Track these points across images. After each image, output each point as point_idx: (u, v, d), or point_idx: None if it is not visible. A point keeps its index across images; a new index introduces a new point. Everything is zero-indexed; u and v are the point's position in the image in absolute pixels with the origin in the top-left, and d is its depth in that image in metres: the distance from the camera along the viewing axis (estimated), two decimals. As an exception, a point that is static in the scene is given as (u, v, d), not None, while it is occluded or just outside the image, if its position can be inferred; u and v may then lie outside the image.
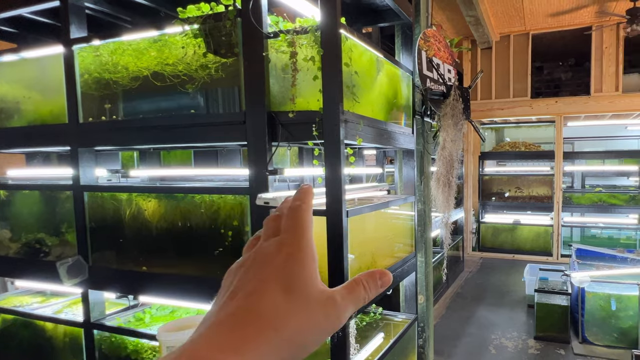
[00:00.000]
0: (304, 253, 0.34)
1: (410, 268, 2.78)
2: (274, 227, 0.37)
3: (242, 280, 0.33)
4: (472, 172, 6.07)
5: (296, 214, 0.36)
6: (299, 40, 1.96)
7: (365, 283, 0.36)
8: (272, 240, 0.35)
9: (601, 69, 5.61)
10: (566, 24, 5.54)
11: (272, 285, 0.31)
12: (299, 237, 0.34)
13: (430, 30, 2.75)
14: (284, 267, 0.32)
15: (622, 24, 5.14)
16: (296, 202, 0.37)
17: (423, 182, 2.89)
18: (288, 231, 0.35)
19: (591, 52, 5.61)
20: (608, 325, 3.80)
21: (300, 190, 0.39)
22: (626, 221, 6.24)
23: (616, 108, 5.59)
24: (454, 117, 2.81)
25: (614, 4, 5.00)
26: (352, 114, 2.07)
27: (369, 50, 2.25)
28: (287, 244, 0.34)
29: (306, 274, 0.33)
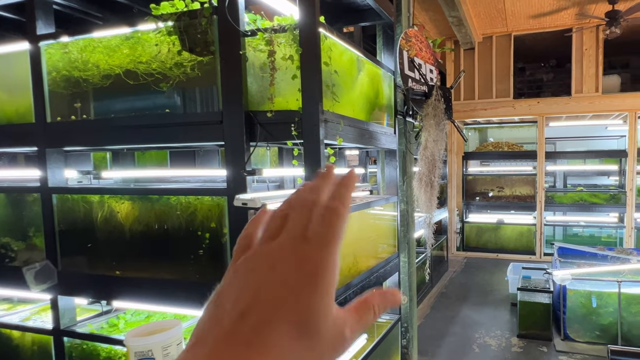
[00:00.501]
0: (327, 276, 0.29)
1: (393, 268, 2.78)
2: (303, 223, 0.31)
3: (255, 296, 0.28)
4: (456, 172, 6.13)
5: (331, 220, 0.30)
6: (277, 39, 1.94)
7: (376, 308, 0.32)
8: (298, 249, 0.29)
9: (581, 70, 5.71)
10: (547, 26, 5.63)
11: (287, 316, 0.27)
12: (327, 255, 0.29)
13: (411, 30, 2.75)
14: (301, 294, 0.28)
15: (601, 26, 5.25)
16: (335, 202, 0.31)
17: (406, 182, 2.88)
18: (319, 243, 0.29)
19: (572, 54, 5.70)
20: (589, 322, 3.86)
21: (343, 181, 0.33)
22: (607, 220, 6.36)
23: (596, 109, 5.70)
24: (436, 117, 2.81)
25: (593, 6, 5.09)
26: (332, 114, 2.05)
27: (349, 50, 2.23)
28: (312, 261, 0.29)
29: (323, 304, 0.29)
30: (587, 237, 6.64)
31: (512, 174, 6.37)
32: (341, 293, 2.19)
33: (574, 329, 3.87)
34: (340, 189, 0.32)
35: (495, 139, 6.63)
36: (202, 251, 1.94)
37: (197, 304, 1.99)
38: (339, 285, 2.18)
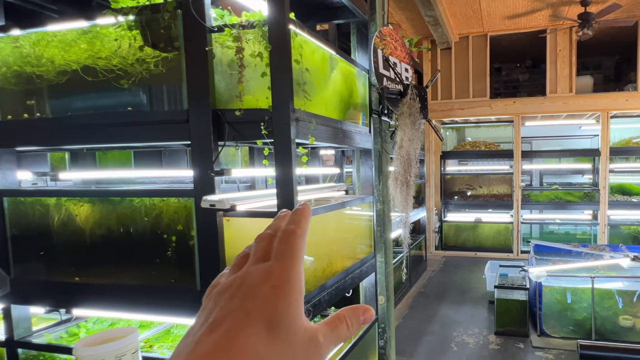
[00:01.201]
0: (291, 287, 0.32)
1: (370, 269, 2.75)
2: (264, 249, 0.35)
3: (224, 310, 0.30)
4: (434, 172, 6.17)
5: (289, 240, 0.34)
6: (246, 36, 1.89)
7: (348, 320, 0.35)
8: (260, 267, 0.33)
9: (556, 70, 5.83)
10: (522, 27, 5.73)
11: (254, 322, 0.29)
12: (288, 268, 0.32)
13: (386, 29, 2.74)
14: (269, 301, 0.31)
15: (574, 27, 5.37)
16: (290, 226, 0.35)
17: (381, 181, 2.87)
18: (278, 259, 0.33)
19: (546, 55, 5.82)
20: (564, 317, 3.93)
21: (296, 211, 0.37)
22: (581, 217, 6.52)
23: (570, 108, 5.83)
24: (411, 116, 2.80)
25: (566, 8, 5.20)
26: (304, 112, 2.02)
27: (322, 48, 2.19)
28: (275, 275, 0.32)
29: (291, 310, 0.31)
30: (563, 234, 6.79)
31: (489, 173, 6.46)
32: (315, 294, 2.15)
33: (550, 324, 3.93)
34: (294, 216, 0.36)
35: (473, 139, 6.70)
36: (168, 255, 1.88)
37: (165, 310, 1.92)
38: (313, 287, 2.15)
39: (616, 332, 3.78)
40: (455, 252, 6.28)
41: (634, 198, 6.14)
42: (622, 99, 5.79)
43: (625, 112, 5.92)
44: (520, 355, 3.48)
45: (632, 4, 5.24)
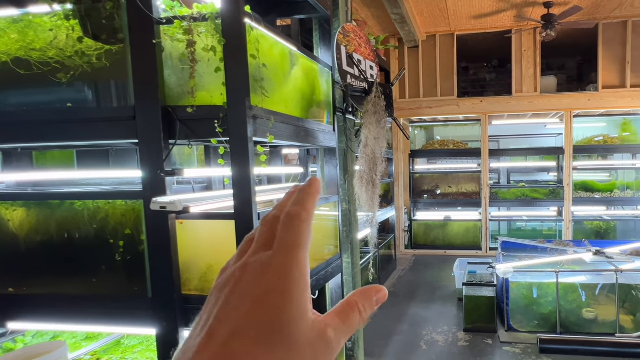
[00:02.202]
0: (294, 281, 0.29)
1: (336, 270, 2.71)
2: (266, 235, 0.32)
3: (224, 310, 0.28)
4: (403, 170, 6.22)
5: (292, 225, 0.30)
6: (198, 29, 1.80)
7: (360, 306, 0.32)
8: (259, 258, 0.30)
9: (521, 70, 5.99)
10: (488, 27, 5.85)
11: (255, 326, 0.27)
12: (290, 259, 0.29)
13: (349, 25, 2.70)
14: (268, 301, 0.28)
15: (538, 29, 5.52)
16: (295, 208, 0.31)
17: (347, 181, 2.83)
18: (279, 249, 0.30)
19: (512, 55, 5.97)
20: (531, 312, 4.01)
21: (302, 189, 0.33)
22: (547, 214, 6.73)
23: (535, 108, 6.00)
24: (377, 115, 2.79)
25: (530, 9, 5.35)
26: (262, 110, 1.95)
27: (281, 43, 2.13)
28: (274, 268, 0.29)
29: (294, 309, 0.28)
30: (530, 230, 6.99)
31: (458, 171, 6.57)
32: (277, 299, 2.08)
33: (517, 319, 4.01)
34: (300, 195, 0.33)
35: (442, 137, 6.80)
36: (116, 261, 1.77)
37: (113, 320, 1.82)
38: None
39: (580, 324, 3.90)
40: (425, 250, 6.35)
41: (597, 195, 6.38)
42: (585, 98, 6.01)
43: (588, 111, 6.15)
44: (488, 350, 3.53)
45: (592, 7, 5.43)
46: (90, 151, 2.01)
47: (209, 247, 1.96)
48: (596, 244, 4.97)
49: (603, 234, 6.61)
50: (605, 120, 6.73)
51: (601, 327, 3.90)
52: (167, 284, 1.82)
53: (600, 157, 6.93)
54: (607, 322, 3.92)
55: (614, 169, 7.02)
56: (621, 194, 6.37)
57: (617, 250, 4.67)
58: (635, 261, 4.30)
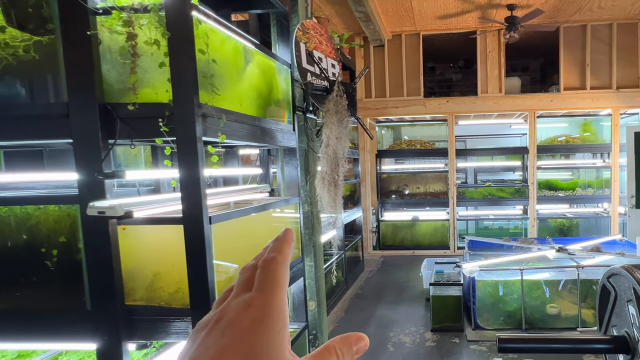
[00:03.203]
0: (273, 319, 0.30)
1: (298, 274, 2.65)
2: (246, 281, 0.34)
3: (201, 348, 0.29)
4: (370, 171, 6.24)
5: (269, 268, 0.33)
6: (139, 20, 1.70)
7: (338, 351, 0.32)
8: (240, 299, 0.31)
9: (486, 71, 6.13)
10: (453, 27, 5.96)
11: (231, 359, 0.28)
12: (269, 299, 0.31)
13: (309, 22, 2.65)
14: (247, 337, 0.29)
15: (502, 30, 5.66)
16: (271, 254, 0.34)
17: (309, 182, 2.78)
18: (258, 289, 0.32)
19: (477, 56, 6.10)
20: (497, 309, 4.08)
21: (277, 238, 0.37)
22: (513, 212, 6.92)
23: (500, 108, 6.15)
24: (338, 114, 2.74)
25: (494, 11, 5.47)
26: (213, 108, 1.87)
27: (233, 38, 2.05)
28: (254, 306, 0.30)
29: (272, 345, 0.29)
30: (497, 229, 7.17)
31: (426, 171, 6.65)
32: (232, 306, 2.00)
33: (484, 317, 4.07)
34: (275, 243, 0.35)
35: (410, 137, 6.87)
36: (49, 272, 1.64)
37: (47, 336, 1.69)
38: (229, 298, 1.99)
39: (544, 320, 3.99)
40: (393, 251, 6.39)
41: (560, 193, 6.61)
42: (547, 99, 6.21)
43: (550, 112, 6.36)
44: (455, 349, 3.55)
45: (553, 11, 5.62)
46: (20, 152, 1.87)
47: (156, 253, 1.86)
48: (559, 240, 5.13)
49: (566, 231, 6.86)
50: (567, 121, 7.00)
51: (564, 322, 4.01)
52: (108, 295, 1.71)
53: (563, 156, 7.19)
54: (569, 316, 4.04)
55: (576, 168, 7.30)
56: (583, 192, 6.63)
57: (579, 246, 4.84)
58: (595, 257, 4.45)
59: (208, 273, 1.80)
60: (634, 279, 1.07)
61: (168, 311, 1.83)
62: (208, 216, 1.82)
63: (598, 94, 6.13)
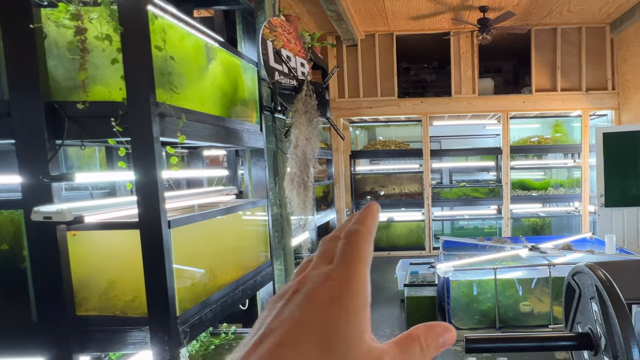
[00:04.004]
0: (352, 295, 0.28)
1: (266, 278, 2.60)
2: (327, 252, 0.32)
3: (276, 319, 0.27)
4: (344, 172, 6.23)
5: (351, 240, 0.31)
6: (89, 14, 1.63)
7: (422, 342, 0.30)
8: (320, 271, 0.30)
9: (460, 72, 6.22)
10: (427, 28, 6.02)
11: (306, 336, 0.26)
12: (350, 273, 0.29)
13: (277, 19, 2.61)
14: (324, 312, 0.27)
15: (475, 32, 5.76)
16: (354, 225, 0.32)
17: (278, 183, 2.74)
18: (340, 261, 0.29)
19: (450, 57, 6.18)
20: (471, 309, 4.12)
21: (362, 210, 0.34)
22: (488, 212, 7.05)
23: (474, 109, 6.25)
24: (308, 114, 2.71)
25: (467, 12, 5.55)
26: (171, 107, 1.81)
27: (194, 35, 1.99)
28: (334, 280, 0.28)
29: (351, 326, 0.27)
30: (472, 229, 7.28)
31: (400, 172, 6.69)
32: (194, 313, 1.94)
33: (458, 317, 4.10)
34: (359, 215, 0.33)
35: (385, 138, 6.90)
36: (-10, 281, 1.54)
37: (-11, 350, 1.59)
38: (191, 305, 1.93)
39: (517, 318, 4.06)
40: (368, 252, 6.36)
41: (533, 192, 6.76)
42: (520, 101, 6.35)
43: (523, 113, 6.50)
44: (430, 350, 3.56)
45: (525, 13, 5.75)
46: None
47: (110, 260, 1.78)
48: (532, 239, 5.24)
49: (539, 230, 7.02)
50: (539, 122, 7.18)
51: (537, 320, 4.07)
52: (57, 305, 1.62)
53: (535, 156, 7.37)
54: (542, 314, 4.11)
55: (548, 168, 7.50)
56: (555, 191, 6.81)
57: (551, 245, 4.95)
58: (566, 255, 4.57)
59: (167, 279, 1.73)
60: (596, 276, 1.08)
61: (124, 321, 1.75)
62: (167, 220, 1.75)
63: (568, 96, 6.31)
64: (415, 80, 7.42)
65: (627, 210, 5.54)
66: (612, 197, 5.59)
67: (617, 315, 1.00)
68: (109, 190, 2.11)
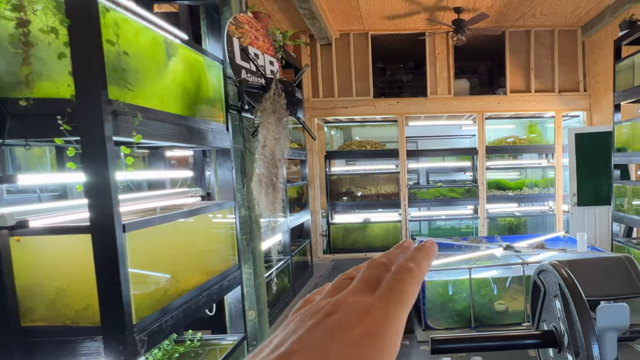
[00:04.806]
0: (386, 341, 0.27)
1: (234, 282, 2.54)
2: (371, 278, 0.30)
3: (302, 341, 0.26)
4: (319, 172, 6.20)
5: (403, 278, 0.30)
6: (32, 5, 1.54)
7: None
8: (359, 300, 0.28)
9: (435, 73, 6.28)
10: (402, 28, 6.05)
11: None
12: (390, 316, 0.27)
13: (244, 16, 2.56)
14: (355, 351, 0.25)
15: (450, 32, 5.82)
16: (409, 263, 0.31)
17: (246, 184, 2.68)
18: (383, 298, 0.28)
19: (426, 57, 6.23)
20: (447, 309, 4.14)
21: (421, 247, 0.33)
22: (464, 212, 7.14)
23: (449, 109, 6.32)
24: (276, 113, 2.66)
25: (442, 13, 5.61)
26: (126, 105, 1.73)
27: (152, 29, 1.92)
28: (372, 317, 0.27)
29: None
30: (449, 229, 7.36)
31: (377, 172, 6.70)
32: (154, 320, 1.87)
33: (434, 317, 4.11)
34: (417, 253, 0.33)
35: (361, 138, 6.91)
36: None
37: None
38: (150, 311, 1.86)
39: (492, 317, 4.10)
40: (344, 254, 6.37)
41: (509, 192, 6.88)
42: (495, 101, 6.45)
43: (498, 114, 6.62)
44: (405, 351, 3.56)
45: (499, 15, 5.85)
46: None
47: (59, 267, 1.69)
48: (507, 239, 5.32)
49: (515, 229, 7.15)
50: (515, 122, 7.33)
51: (512, 318, 4.12)
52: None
53: (511, 157, 7.51)
54: (516, 312, 4.17)
55: (523, 168, 7.65)
56: (530, 191, 6.95)
57: (525, 244, 5.04)
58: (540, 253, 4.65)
59: (122, 286, 1.65)
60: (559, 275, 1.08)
61: (76, 331, 1.67)
62: (121, 224, 1.67)
63: (542, 97, 6.45)
64: (391, 80, 7.46)
65: (598, 209, 5.69)
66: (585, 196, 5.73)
67: (578, 312, 1.00)
68: (59, 193, 2.01)
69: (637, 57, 4.42)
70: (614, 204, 4.93)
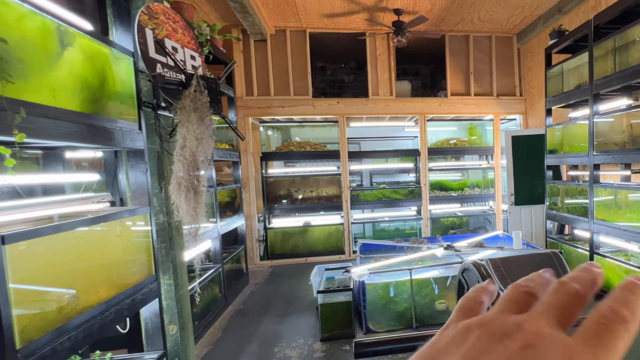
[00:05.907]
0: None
1: (150, 295, 2.39)
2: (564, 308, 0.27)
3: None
4: (254, 175, 6.10)
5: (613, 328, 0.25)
6: None
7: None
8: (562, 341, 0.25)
9: (377, 74, 6.41)
10: (342, 27, 6.12)
11: None
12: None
13: (158, 5, 2.43)
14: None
15: (391, 34, 5.96)
16: (622, 308, 0.26)
17: (164, 188, 2.54)
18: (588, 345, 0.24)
19: (367, 58, 6.34)
20: (388, 311, 4.20)
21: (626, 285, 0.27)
22: (408, 213, 7.33)
23: (391, 111, 6.47)
24: (198, 111, 2.55)
25: (382, 14, 5.73)
26: (4, 99, 1.56)
27: (41, 14, 1.75)
28: None
29: None
30: (394, 230, 7.53)
31: (318, 174, 6.70)
32: (46, 342, 1.70)
33: (375, 320, 4.16)
34: (628, 295, 0.27)
35: (300, 139, 6.88)
36: None
37: None
38: (41, 333, 1.69)
39: (433, 316, 4.21)
40: (283, 260, 6.31)
41: (452, 193, 7.16)
42: (436, 104, 6.70)
43: (440, 116, 6.88)
44: (345, 357, 3.55)
45: (438, 19, 6.07)
46: None
47: None
48: (448, 239, 5.52)
49: (457, 229, 7.45)
50: (457, 125, 7.65)
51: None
52: None
53: (453, 158, 7.83)
54: (457, 311, 4.30)
55: (465, 169, 8.01)
56: (471, 191, 7.27)
57: (465, 243, 5.25)
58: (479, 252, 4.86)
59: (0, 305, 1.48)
60: (478, 273, 1.10)
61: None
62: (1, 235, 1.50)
63: (481, 100, 6.79)
64: (332, 80, 7.51)
65: (534, 208, 6.07)
66: (521, 196, 6.10)
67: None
68: None
69: (565, 64, 4.78)
70: (548, 202, 5.29)
